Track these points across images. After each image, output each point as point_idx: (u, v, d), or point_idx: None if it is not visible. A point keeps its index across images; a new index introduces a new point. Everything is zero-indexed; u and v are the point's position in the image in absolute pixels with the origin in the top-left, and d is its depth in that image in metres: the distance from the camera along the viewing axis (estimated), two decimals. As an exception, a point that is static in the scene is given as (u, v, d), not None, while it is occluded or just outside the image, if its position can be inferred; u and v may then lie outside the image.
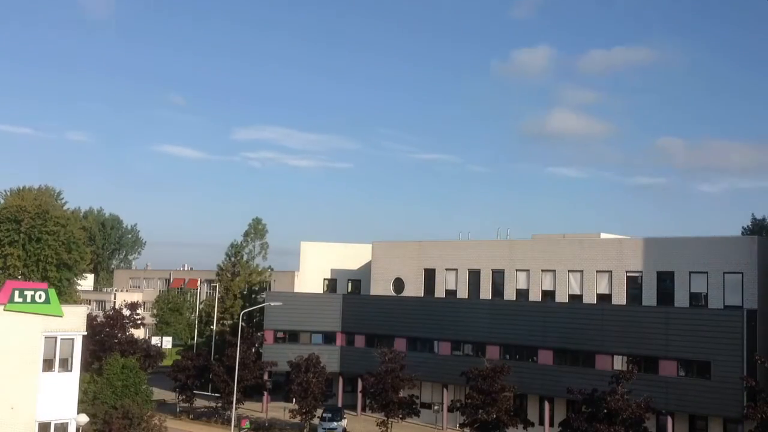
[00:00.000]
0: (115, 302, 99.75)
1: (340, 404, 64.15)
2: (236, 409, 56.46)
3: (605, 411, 44.18)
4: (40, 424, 37.76)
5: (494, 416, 48.83)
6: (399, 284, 68.73)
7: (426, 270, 67.28)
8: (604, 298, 57.34)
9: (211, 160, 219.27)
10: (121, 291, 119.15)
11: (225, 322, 79.14)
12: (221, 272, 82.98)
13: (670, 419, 50.75)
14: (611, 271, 57.32)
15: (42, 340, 37.86)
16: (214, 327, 78.41)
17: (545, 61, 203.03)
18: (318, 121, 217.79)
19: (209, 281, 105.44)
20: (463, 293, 64.46)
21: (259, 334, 67.40)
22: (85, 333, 40.49)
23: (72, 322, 39.04)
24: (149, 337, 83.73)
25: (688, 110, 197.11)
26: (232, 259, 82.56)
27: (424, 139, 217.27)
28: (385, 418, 54.67)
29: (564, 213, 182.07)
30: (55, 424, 38.36)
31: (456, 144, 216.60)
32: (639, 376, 47.63)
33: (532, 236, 65.36)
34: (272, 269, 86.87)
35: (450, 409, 56.46)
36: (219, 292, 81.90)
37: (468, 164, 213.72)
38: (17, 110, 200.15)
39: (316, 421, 57.25)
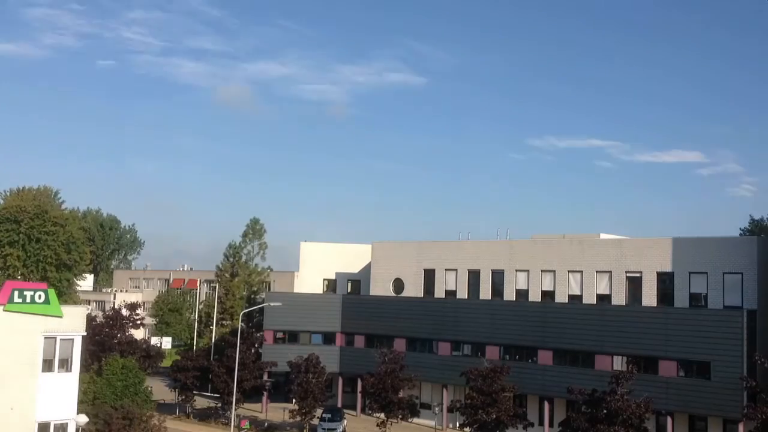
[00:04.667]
0: (114, 303, 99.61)
1: (339, 405, 64.13)
2: (236, 409, 56.46)
3: (605, 411, 44.23)
4: (39, 424, 37.77)
5: (494, 416, 48.82)
6: (399, 284, 68.71)
7: (426, 270, 67.24)
8: (604, 299, 57.31)
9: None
10: (121, 291, 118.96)
11: (225, 322, 79.19)
12: (220, 273, 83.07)
13: (670, 419, 50.73)
14: (611, 272, 57.28)
15: (41, 340, 37.86)
16: (213, 327, 78.40)
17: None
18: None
19: (209, 281, 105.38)
20: (462, 294, 64.41)
21: (258, 334, 67.34)
22: (85, 333, 40.54)
23: (71, 323, 39.05)
24: (149, 338, 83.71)
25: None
26: (231, 260, 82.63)
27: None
28: (385, 419, 54.64)
29: (564, 213, 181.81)
30: (55, 424, 38.35)
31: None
32: (639, 377, 47.73)
33: (532, 236, 65.30)
34: (271, 269, 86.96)
35: (450, 410, 56.39)
36: (218, 293, 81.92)
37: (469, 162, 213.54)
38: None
39: (315, 421, 57.22)
